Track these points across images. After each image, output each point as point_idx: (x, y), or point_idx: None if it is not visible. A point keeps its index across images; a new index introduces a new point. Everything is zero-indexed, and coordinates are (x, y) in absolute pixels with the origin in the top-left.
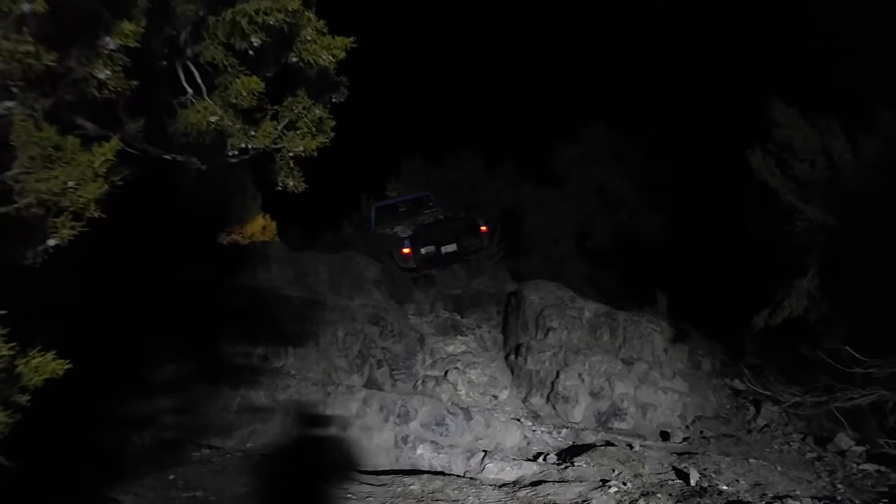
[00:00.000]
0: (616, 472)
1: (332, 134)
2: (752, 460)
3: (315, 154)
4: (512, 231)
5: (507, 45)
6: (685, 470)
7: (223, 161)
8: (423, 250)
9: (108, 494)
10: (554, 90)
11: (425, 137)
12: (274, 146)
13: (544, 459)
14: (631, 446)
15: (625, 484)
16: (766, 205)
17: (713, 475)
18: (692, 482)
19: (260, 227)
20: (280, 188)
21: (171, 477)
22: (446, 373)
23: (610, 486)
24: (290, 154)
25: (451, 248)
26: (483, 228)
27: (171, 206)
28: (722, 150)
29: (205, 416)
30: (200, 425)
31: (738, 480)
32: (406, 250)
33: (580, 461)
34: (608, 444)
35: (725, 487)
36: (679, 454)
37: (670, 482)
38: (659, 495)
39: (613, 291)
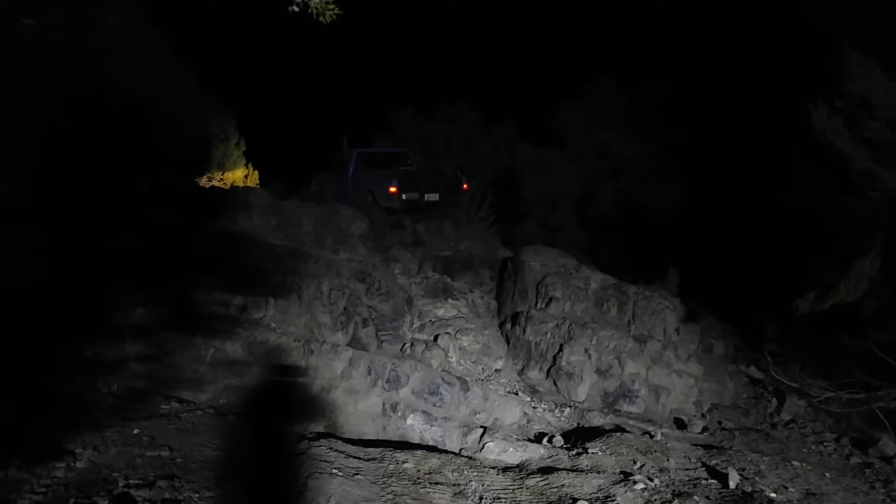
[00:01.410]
0: (638, 465)
1: None
2: (794, 463)
3: None
4: (506, 193)
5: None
6: (720, 469)
7: None
8: (405, 196)
9: (64, 446)
10: (558, 42)
11: (417, 87)
12: None
13: (549, 441)
14: (650, 434)
15: (651, 480)
16: (823, 171)
17: (756, 478)
18: (731, 484)
19: (242, 175)
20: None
21: (136, 431)
22: (436, 337)
23: (635, 481)
24: None
25: (434, 196)
26: (465, 186)
27: (149, 146)
28: (755, 108)
29: (176, 366)
30: (170, 376)
31: (785, 487)
32: (393, 189)
33: (594, 447)
34: (620, 429)
35: (774, 495)
36: (704, 447)
37: (704, 481)
38: (696, 497)
39: (615, 263)
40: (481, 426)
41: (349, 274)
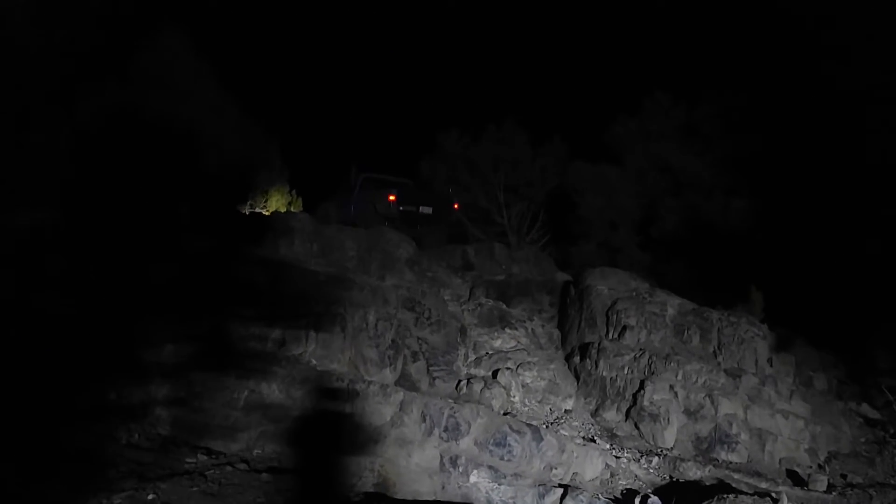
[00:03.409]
0: None
1: None
2: None
3: None
4: (559, 213)
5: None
6: None
7: None
8: (402, 207)
9: None
10: (607, 56)
11: (464, 108)
12: None
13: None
14: (771, 496)
15: None
16: None
17: None
18: None
19: (285, 202)
20: None
21: (151, 497)
22: (495, 373)
23: None
24: None
25: (428, 210)
26: (455, 206)
27: (189, 172)
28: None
29: (205, 411)
30: (199, 423)
31: None
32: (392, 197)
33: None
34: (725, 486)
35: None
36: None
37: None
38: None
39: (685, 286)
40: (560, 484)
41: (396, 302)
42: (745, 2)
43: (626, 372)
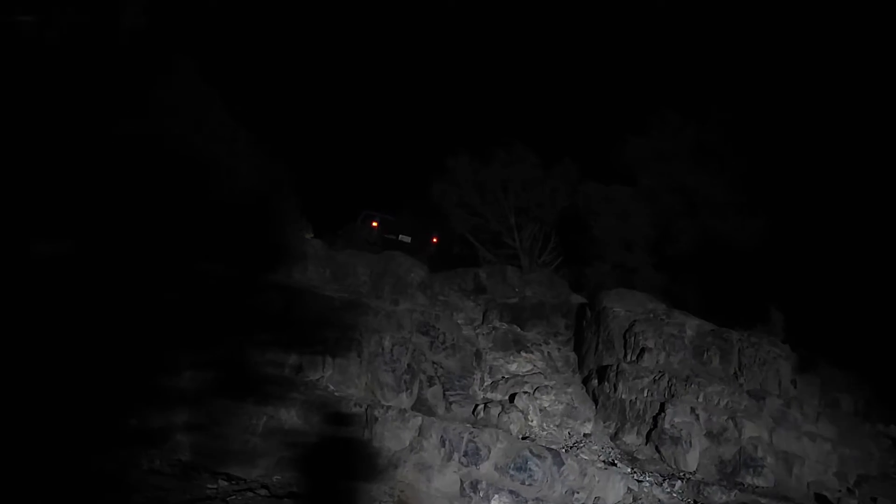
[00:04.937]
0: None
1: None
2: None
3: None
4: (571, 234)
5: (561, 24)
6: None
7: None
8: (385, 235)
9: None
10: (613, 77)
11: (472, 131)
12: None
13: None
14: None
15: None
16: None
17: None
18: None
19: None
20: None
21: None
22: (512, 397)
23: None
24: None
25: (407, 238)
26: (434, 239)
27: (201, 200)
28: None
29: (225, 437)
30: (219, 449)
31: None
32: (375, 223)
33: None
34: None
35: None
36: None
37: None
38: None
39: (703, 307)
40: None
41: (411, 326)
42: (754, 17)
43: (645, 395)
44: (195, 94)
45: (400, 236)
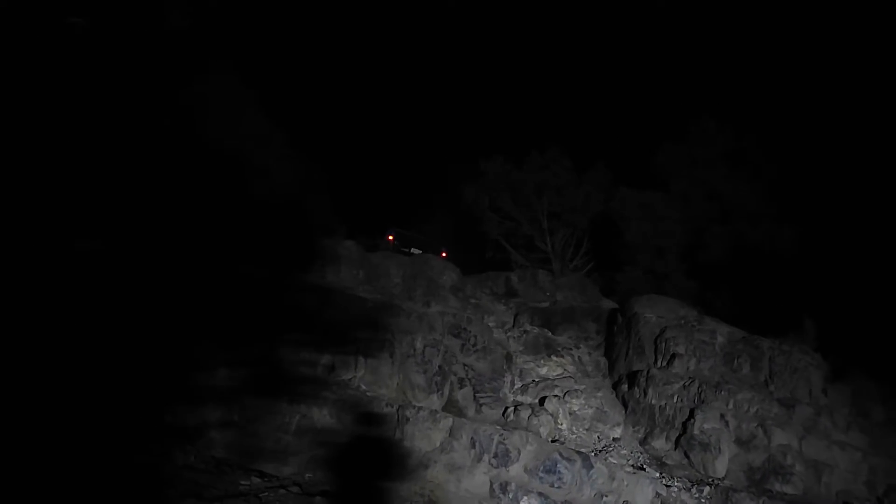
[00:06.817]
0: None
1: None
2: None
3: None
4: (603, 240)
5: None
6: None
7: None
8: (401, 248)
9: None
10: (652, 84)
11: (507, 134)
12: None
13: None
14: None
15: None
16: None
17: None
18: None
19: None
20: None
21: None
22: (542, 400)
23: None
24: None
25: (418, 251)
26: (443, 253)
27: (237, 200)
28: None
29: (258, 435)
30: (252, 446)
31: None
32: (390, 237)
33: None
34: None
35: None
36: None
37: None
38: None
39: (734, 314)
40: None
41: (442, 328)
42: (792, 28)
43: (675, 400)
44: (230, 95)
45: (412, 249)
